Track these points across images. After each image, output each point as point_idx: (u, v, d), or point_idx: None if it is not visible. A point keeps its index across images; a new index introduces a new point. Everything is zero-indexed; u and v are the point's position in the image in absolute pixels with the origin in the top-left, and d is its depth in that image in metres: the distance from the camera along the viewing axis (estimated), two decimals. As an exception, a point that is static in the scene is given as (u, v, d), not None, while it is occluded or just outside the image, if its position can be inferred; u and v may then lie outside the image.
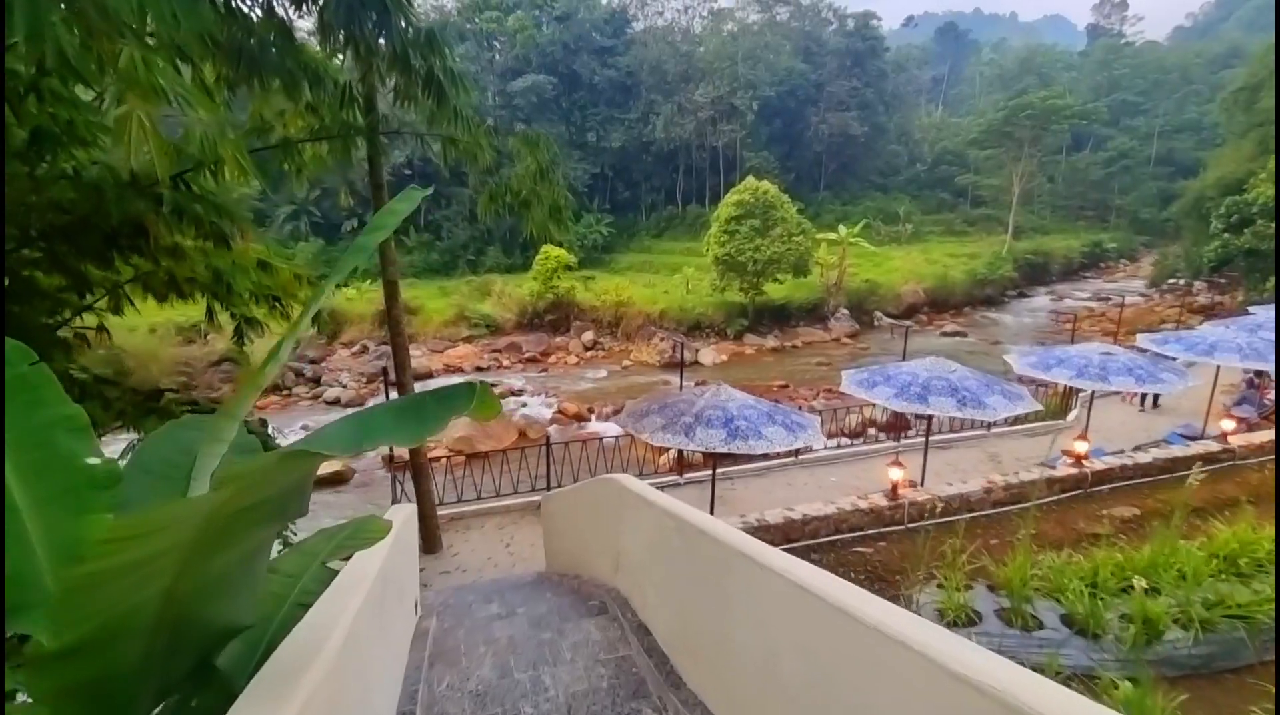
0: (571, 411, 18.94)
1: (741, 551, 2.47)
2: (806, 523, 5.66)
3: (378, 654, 2.64)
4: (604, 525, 4.70)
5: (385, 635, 2.87)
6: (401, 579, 3.65)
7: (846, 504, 5.87)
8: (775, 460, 10.14)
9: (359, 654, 2.22)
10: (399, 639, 3.41)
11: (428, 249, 40.50)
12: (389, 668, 3.01)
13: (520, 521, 8.36)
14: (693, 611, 3.13)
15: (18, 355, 1.97)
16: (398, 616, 3.44)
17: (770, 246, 26.74)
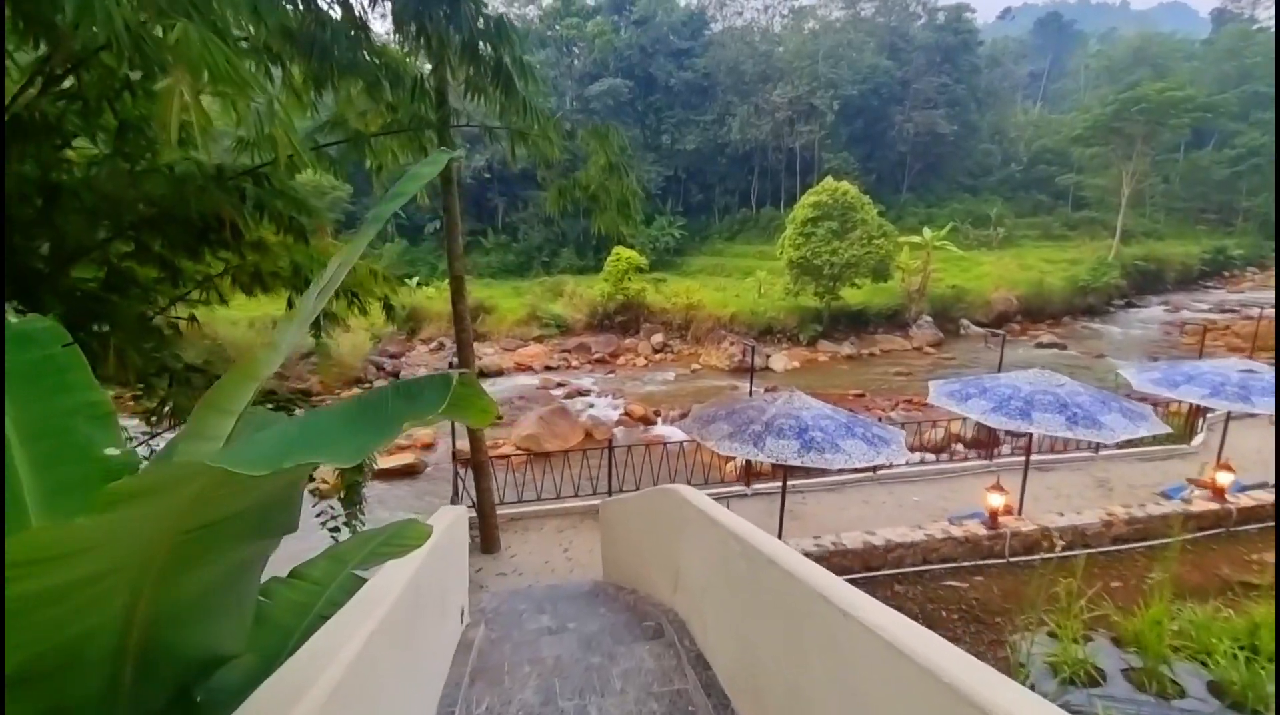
0: (638, 414, 18.68)
1: (822, 594, 2.03)
2: (890, 550, 5.06)
3: (402, 675, 2.37)
4: (663, 539, 4.33)
5: (416, 652, 2.61)
6: (444, 587, 3.42)
7: (937, 531, 5.22)
8: (851, 475, 9.43)
9: (373, 678, 1.94)
10: (436, 653, 3.17)
11: (504, 250, 41.54)
12: (421, 686, 2.76)
13: (580, 525, 8.11)
14: (760, 651, 2.71)
15: (49, 336, 1.81)
16: (437, 628, 3.20)
17: (848, 249, 25.58)
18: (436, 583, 3.20)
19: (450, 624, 3.58)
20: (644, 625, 4.11)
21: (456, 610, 3.88)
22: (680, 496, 4.00)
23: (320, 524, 6.54)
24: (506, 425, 17.70)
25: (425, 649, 2.84)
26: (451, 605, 3.67)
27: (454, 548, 3.98)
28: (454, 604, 3.78)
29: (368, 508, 12.99)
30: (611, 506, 5.83)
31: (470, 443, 7.33)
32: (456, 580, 4.00)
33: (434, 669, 3.08)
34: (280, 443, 0.87)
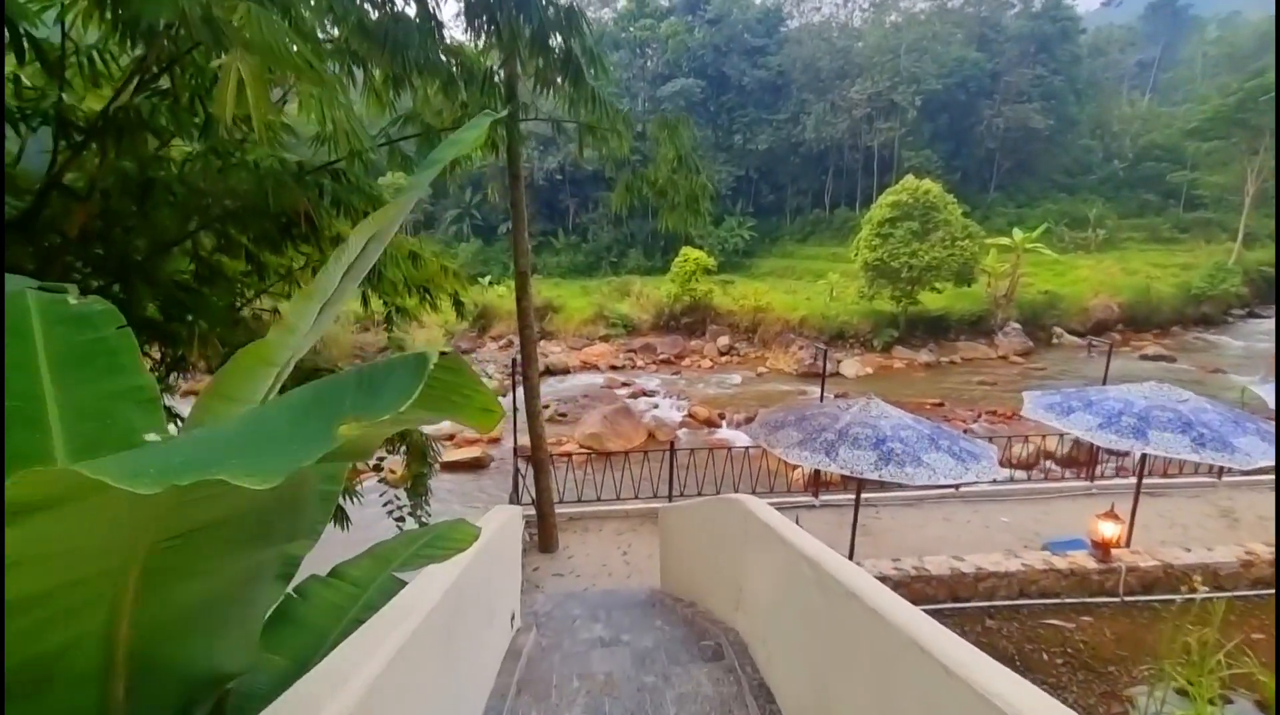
0: (702, 416, 18.32)
1: (916, 642, 1.69)
2: (981, 579, 4.54)
3: (439, 684, 2.20)
4: (725, 553, 4.03)
5: (456, 660, 2.44)
6: (493, 592, 3.25)
7: (1037, 560, 4.64)
8: (931, 489, 8.77)
9: (407, 688, 1.76)
10: (481, 661, 3.00)
11: (574, 250, 42.04)
12: (463, 696, 2.59)
13: (639, 529, 7.89)
14: (837, 697, 2.37)
15: (105, 318, 1.74)
16: (483, 634, 3.03)
17: (929, 251, 24.23)
18: (484, 587, 3.03)
19: (498, 630, 3.42)
20: (702, 645, 3.82)
21: (506, 615, 3.72)
22: (745, 508, 3.69)
23: (386, 514, 6.60)
24: (570, 423, 17.76)
25: (468, 657, 2.67)
26: (501, 610, 3.52)
27: (506, 550, 3.83)
28: (504, 608, 3.62)
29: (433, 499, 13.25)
30: (671, 514, 5.57)
31: (530, 439, 7.25)
32: (508, 584, 3.85)
33: (478, 678, 2.92)
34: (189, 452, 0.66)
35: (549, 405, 19.09)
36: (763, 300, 27.74)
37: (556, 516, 7.59)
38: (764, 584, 3.35)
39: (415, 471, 6.70)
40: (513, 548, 4.28)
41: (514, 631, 3.87)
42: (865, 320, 26.55)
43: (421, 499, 6.72)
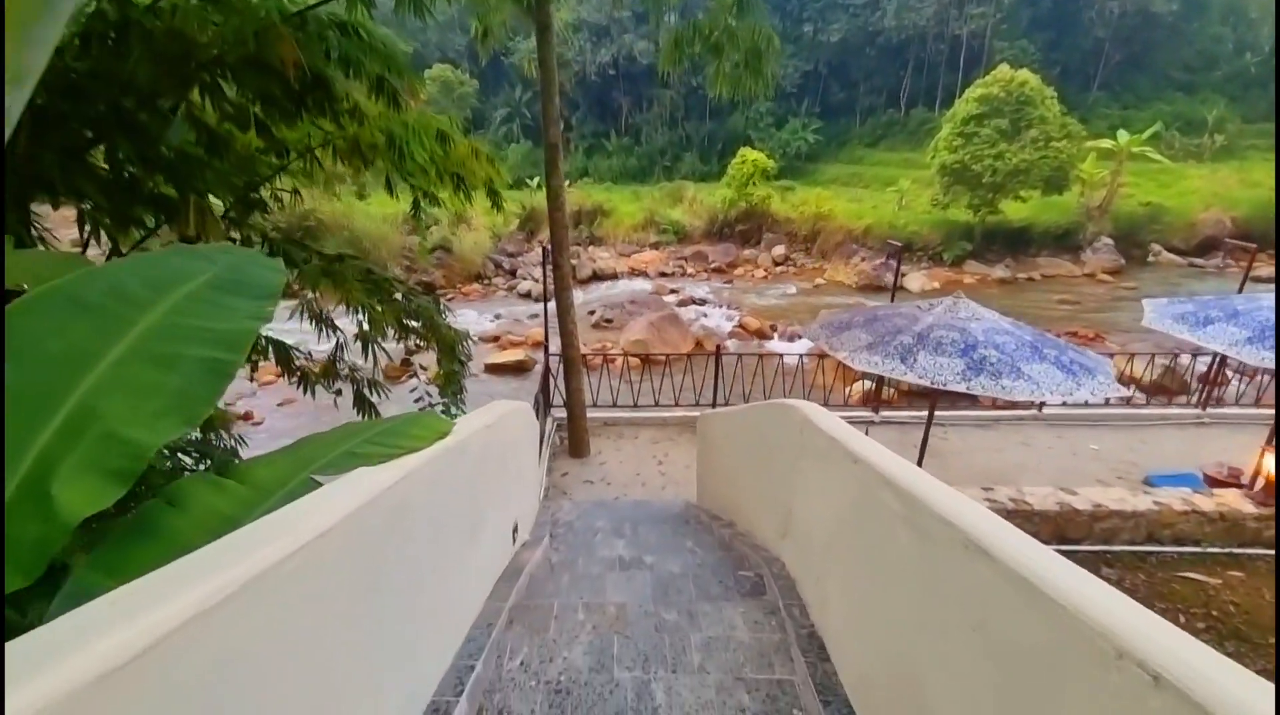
0: (753, 327, 17.32)
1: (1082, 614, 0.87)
2: (1099, 517, 3.62)
3: (356, 618, 1.53)
4: (773, 468, 3.26)
5: (398, 586, 1.78)
6: (480, 500, 2.58)
7: (1174, 500, 3.68)
8: (1006, 409, 7.72)
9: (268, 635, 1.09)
10: (459, 585, 2.37)
11: (626, 153, 39.90)
12: (417, 630, 1.96)
13: (678, 438, 7.23)
14: (921, 661, 1.62)
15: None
16: (463, 551, 2.39)
17: (1018, 153, 21.51)
18: (464, 494, 2.36)
19: (491, 545, 2.79)
20: (739, 575, 3.12)
21: (507, 527, 3.10)
22: (802, 416, 2.86)
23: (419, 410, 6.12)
24: (616, 329, 17.09)
25: (432, 580, 2.03)
26: (496, 521, 2.88)
27: (509, 452, 3.16)
28: (501, 520, 2.99)
29: (471, 398, 13.03)
30: (712, 420, 4.80)
31: (561, 336, 6.53)
32: (510, 491, 3.21)
33: (452, 604, 2.30)
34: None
35: (595, 311, 18.43)
36: (824, 207, 25.64)
37: (589, 421, 7.00)
38: (822, 509, 2.57)
39: (447, 369, 6.17)
40: (523, 450, 3.63)
41: (517, 546, 3.27)
42: (936, 231, 24.29)
43: (456, 397, 6.22)
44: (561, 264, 6.39)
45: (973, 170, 22.17)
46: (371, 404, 5.98)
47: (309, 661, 1.29)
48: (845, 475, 2.27)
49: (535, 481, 4.46)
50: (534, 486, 4.33)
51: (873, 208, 27.12)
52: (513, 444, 3.32)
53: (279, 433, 12.26)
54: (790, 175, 34.04)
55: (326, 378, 5.88)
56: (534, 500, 4.36)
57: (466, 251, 22.92)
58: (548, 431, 6.98)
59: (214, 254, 1.78)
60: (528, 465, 3.89)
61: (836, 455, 2.38)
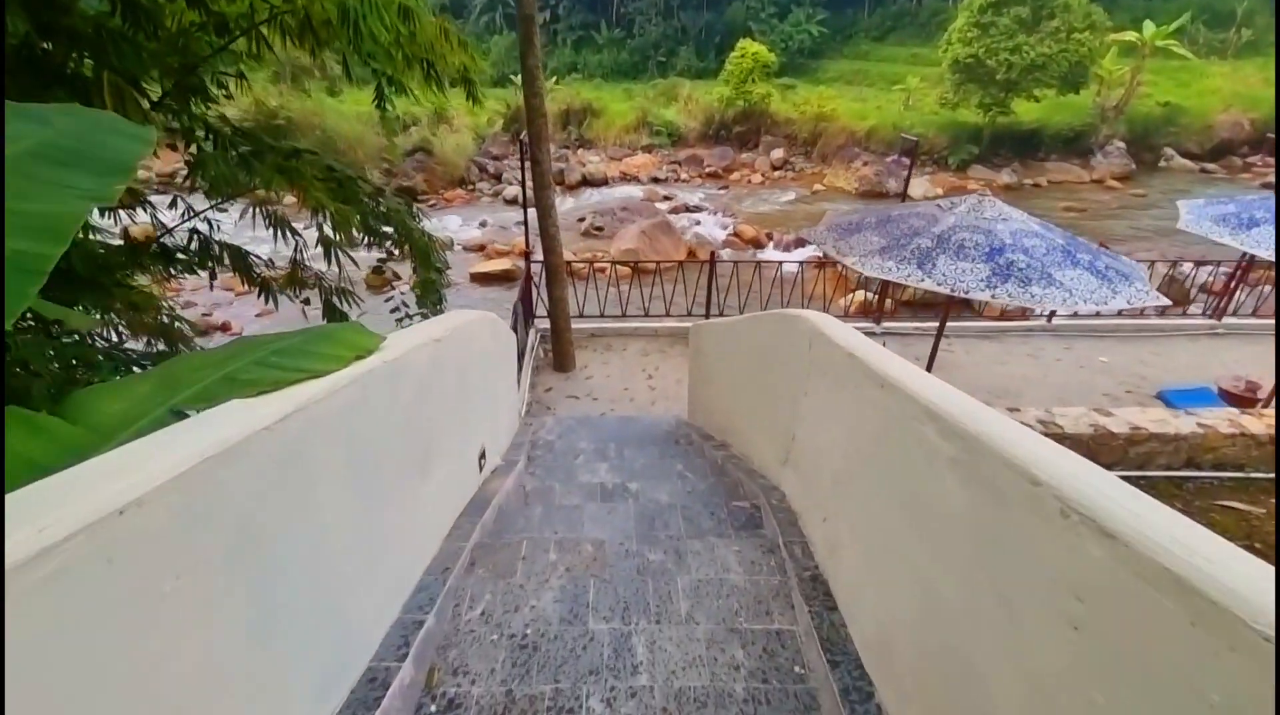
0: (748, 236, 16.55)
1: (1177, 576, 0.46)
2: (1136, 441, 3.25)
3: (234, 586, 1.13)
4: (776, 388, 2.84)
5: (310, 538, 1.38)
6: (431, 426, 2.16)
7: (1220, 421, 3.29)
8: (1016, 318, 7.32)
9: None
10: (408, 524, 1.98)
11: (617, 47, 36.92)
12: (339, 582, 1.58)
13: (669, 351, 6.81)
14: (957, 623, 1.26)
15: None
16: (413, 485, 1.99)
17: (1037, 45, 19.85)
18: (409, 422, 1.93)
19: (449, 478, 2.40)
20: (733, 506, 2.78)
21: (471, 453, 2.70)
22: (811, 327, 2.40)
23: (396, 321, 5.64)
24: (606, 238, 16.29)
25: (356, 532, 1.63)
26: (455, 449, 2.48)
27: (471, 367, 2.71)
28: (464, 446, 2.58)
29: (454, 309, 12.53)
30: (705, 331, 4.34)
31: (542, 240, 5.92)
32: (475, 412, 2.78)
33: (395, 554, 1.92)
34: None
35: (584, 218, 17.50)
36: (827, 107, 24.00)
37: (575, 332, 6.53)
38: (835, 438, 2.17)
39: (423, 277, 5.62)
40: (492, 365, 3.18)
41: (486, 473, 2.89)
42: (942, 134, 22.90)
43: (436, 308, 5.72)
44: (541, 159, 5.67)
45: (986, 65, 20.55)
46: (343, 314, 5.48)
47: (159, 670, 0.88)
48: (868, 400, 1.84)
49: (511, 399, 4.05)
50: (509, 405, 3.92)
51: (877, 108, 25.44)
52: (477, 358, 2.86)
53: (259, 345, 11.78)
54: (792, 73, 31.72)
55: (292, 286, 5.35)
56: (510, 420, 3.97)
57: (448, 154, 21.49)
58: (530, 344, 6.53)
59: (51, 115, 1.24)
60: (499, 381, 3.46)
61: (856, 376, 1.94)
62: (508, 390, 3.87)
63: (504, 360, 3.77)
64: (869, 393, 1.83)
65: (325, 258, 5.12)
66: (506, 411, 3.79)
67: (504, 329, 3.65)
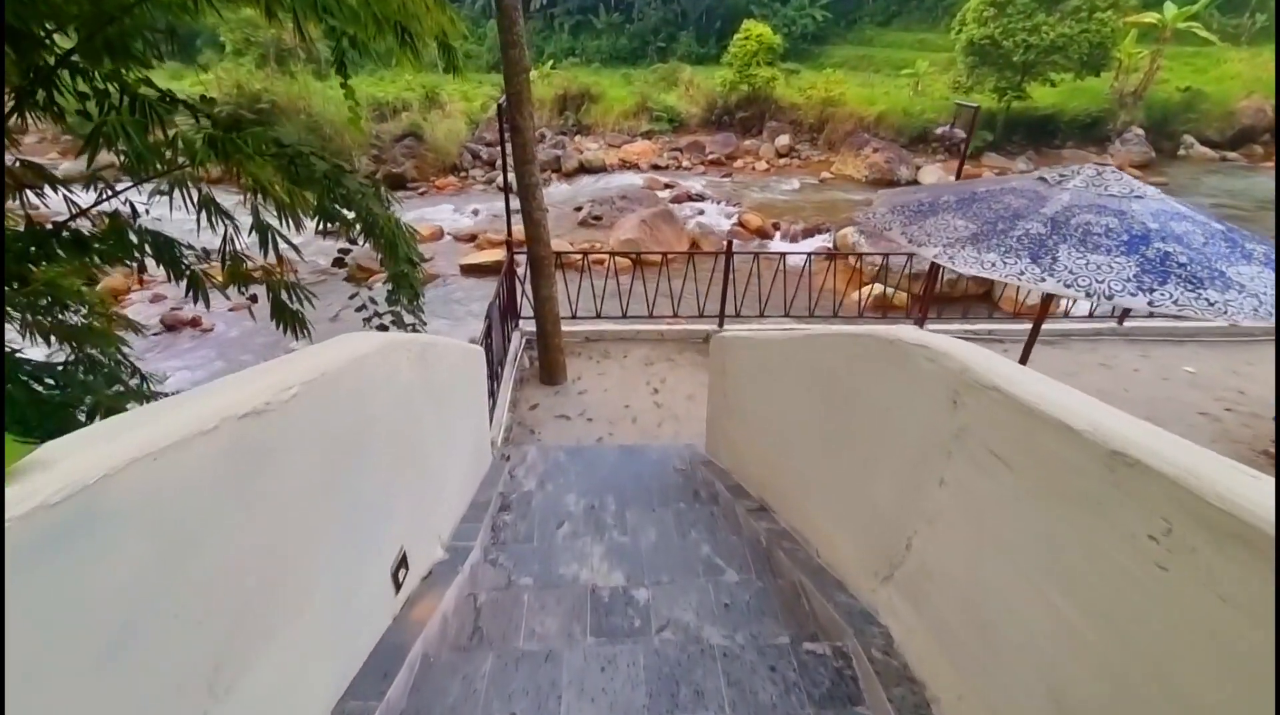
0: (753, 225, 15.39)
1: None
2: None
3: None
4: (866, 452, 1.75)
5: None
6: (291, 557, 1.07)
7: None
8: (1082, 321, 6.22)
9: None
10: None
11: (616, 32, 35.43)
12: None
13: (678, 359, 5.70)
14: None
15: None
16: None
17: (1056, 26, 18.58)
18: (203, 565, 0.84)
19: (319, 634, 1.31)
20: (805, 654, 1.68)
21: (379, 572, 1.61)
22: (955, 368, 1.32)
23: (364, 321, 4.54)
24: (605, 227, 15.13)
25: None
26: (353, 576, 1.39)
27: (391, 428, 1.61)
28: (361, 568, 1.49)
29: (442, 305, 11.27)
30: (733, 346, 3.20)
31: (525, 229, 4.80)
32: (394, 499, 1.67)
33: None
34: None
35: (582, 207, 16.32)
36: (834, 91, 22.70)
37: (567, 336, 5.42)
38: (1018, 581, 1.09)
39: (394, 271, 4.54)
40: (444, 409, 2.08)
41: (408, 590, 1.79)
42: (955, 120, 21.61)
43: (413, 305, 4.64)
44: (523, 126, 4.52)
45: (1003, 47, 19.28)
46: (294, 313, 4.39)
47: None
48: (1136, 552, 0.74)
49: (477, 438, 2.94)
50: (472, 449, 2.81)
51: (885, 94, 24.14)
52: (416, 413, 1.76)
53: (228, 343, 10.70)
54: (795, 59, 30.33)
55: (235, 282, 4.26)
56: (473, 467, 2.86)
57: (440, 140, 20.22)
58: (513, 351, 5.42)
59: None
60: (454, 433, 2.35)
61: (1097, 484, 0.84)
62: (469, 433, 2.76)
63: (468, 395, 2.67)
64: (1128, 524, 0.74)
65: (261, 247, 4.04)
66: (465, 464, 2.68)
67: (462, 354, 2.54)
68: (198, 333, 11.74)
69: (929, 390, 1.48)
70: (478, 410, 3.10)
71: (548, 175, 20.03)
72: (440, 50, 4.67)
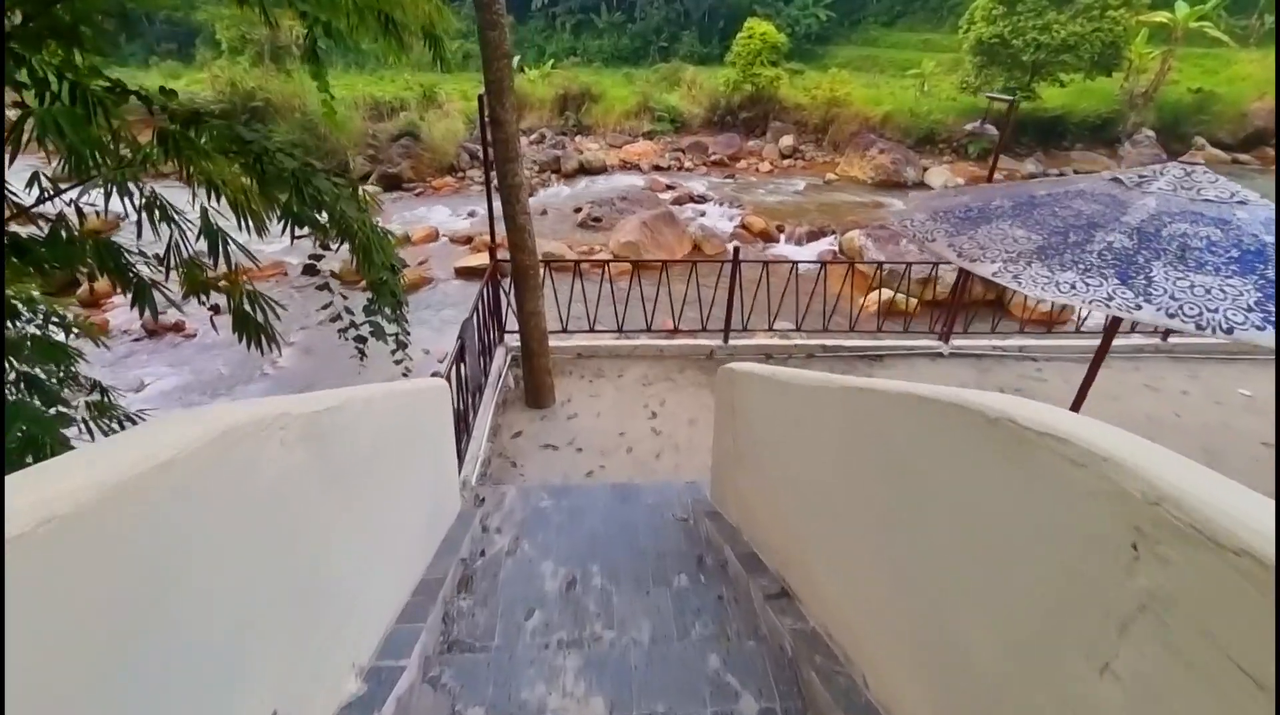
0: (757, 228, 14.82)
1: None
2: None
3: None
4: (961, 577, 1.20)
5: None
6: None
7: None
8: (1119, 334, 5.64)
9: None
10: None
11: (618, 32, 34.88)
12: None
13: (678, 379, 5.13)
14: None
15: None
16: None
17: (1068, 25, 17.99)
18: None
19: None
20: None
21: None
22: (1145, 489, 0.73)
23: (339, 332, 4.00)
24: (605, 229, 14.58)
25: None
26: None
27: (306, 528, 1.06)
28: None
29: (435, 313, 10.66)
30: (747, 383, 2.59)
31: (508, 234, 4.23)
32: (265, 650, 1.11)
33: None
34: None
35: (581, 208, 15.75)
36: (839, 92, 22.10)
37: (556, 352, 4.86)
38: None
39: (370, 278, 3.99)
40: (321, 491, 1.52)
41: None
42: (962, 120, 21.04)
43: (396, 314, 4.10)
44: (505, 121, 3.96)
45: (1012, 46, 18.69)
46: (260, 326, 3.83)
47: None
48: None
49: (424, 514, 2.36)
50: (419, 524, 2.24)
51: (890, 94, 23.54)
52: (279, 517, 1.20)
53: (211, 347, 10.15)
54: (798, 59, 29.74)
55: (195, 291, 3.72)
56: (419, 547, 2.29)
57: (437, 140, 19.66)
58: (497, 371, 4.86)
59: None
60: (391, 505, 1.80)
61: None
62: (421, 492, 2.20)
63: (414, 457, 2.11)
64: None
65: (211, 254, 3.50)
66: (413, 533, 2.12)
67: (427, 401, 1.98)
68: (180, 338, 11.22)
69: (1079, 514, 0.92)
70: (435, 460, 2.54)
71: (547, 176, 19.46)
72: (427, 42, 4.21)
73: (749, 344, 5.40)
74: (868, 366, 5.23)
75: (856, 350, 5.32)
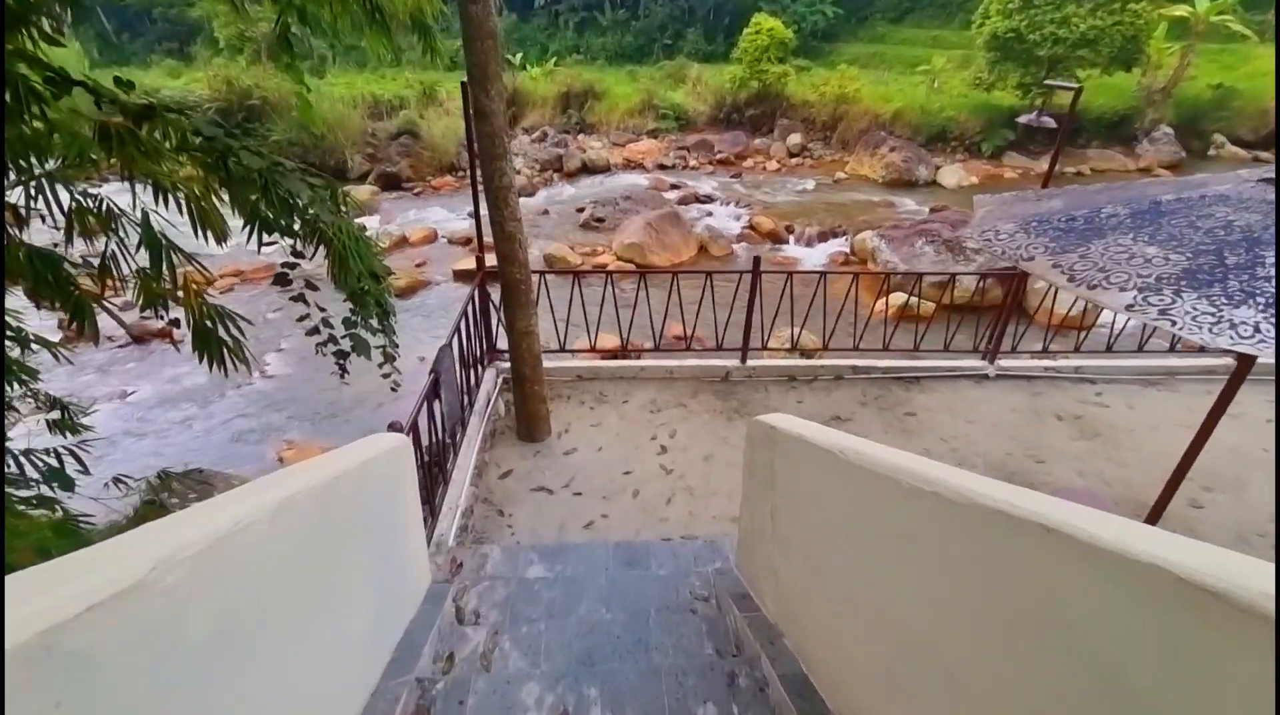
0: (765, 228, 14.16)
1: None
2: None
3: None
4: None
5: None
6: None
7: None
8: (1186, 355, 5.01)
9: None
10: None
11: (621, 29, 34.17)
12: None
13: (691, 404, 4.50)
14: None
15: None
16: None
17: (1087, 18, 17.25)
18: None
19: None
20: None
21: None
22: None
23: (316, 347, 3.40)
24: (608, 230, 13.95)
25: None
26: None
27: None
28: None
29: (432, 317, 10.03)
30: (791, 451, 1.96)
31: (495, 241, 3.63)
32: None
33: None
34: None
35: (584, 208, 15.12)
36: (848, 89, 21.38)
37: (553, 375, 4.25)
38: None
39: (351, 288, 3.42)
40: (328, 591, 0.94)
41: None
42: (975, 117, 20.31)
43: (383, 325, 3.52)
44: (491, 112, 3.34)
45: (1028, 41, 17.95)
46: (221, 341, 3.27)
47: None
48: None
49: (369, 621, 1.75)
50: (362, 636, 1.63)
51: (900, 91, 22.80)
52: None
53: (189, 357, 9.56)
54: (805, 56, 29.01)
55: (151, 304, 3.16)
56: (364, 662, 1.68)
57: (437, 138, 19.05)
58: (486, 397, 4.25)
59: None
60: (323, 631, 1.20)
61: None
62: (368, 591, 1.60)
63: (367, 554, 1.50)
64: None
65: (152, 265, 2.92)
66: (353, 654, 1.51)
67: (377, 469, 1.38)
68: (166, 344, 10.67)
69: None
70: (390, 543, 1.93)
71: (549, 174, 18.83)
72: (417, 33, 3.68)
73: (770, 365, 4.77)
74: (904, 389, 4.60)
75: (891, 371, 4.69)
